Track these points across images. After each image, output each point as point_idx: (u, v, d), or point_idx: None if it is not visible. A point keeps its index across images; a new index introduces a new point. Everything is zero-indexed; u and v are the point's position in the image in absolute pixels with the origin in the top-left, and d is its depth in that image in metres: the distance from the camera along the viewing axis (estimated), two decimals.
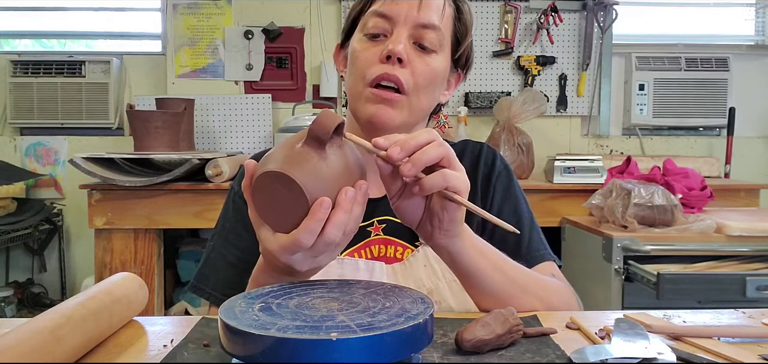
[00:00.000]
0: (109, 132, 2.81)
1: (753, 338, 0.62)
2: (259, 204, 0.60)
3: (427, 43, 0.83)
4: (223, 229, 0.91)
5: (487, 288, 0.72)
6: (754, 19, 3.00)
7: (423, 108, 0.86)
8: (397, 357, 0.48)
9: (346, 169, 0.59)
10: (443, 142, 0.62)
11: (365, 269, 0.83)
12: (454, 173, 0.62)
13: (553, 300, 0.77)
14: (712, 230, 1.78)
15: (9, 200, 2.52)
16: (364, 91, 0.82)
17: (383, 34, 0.83)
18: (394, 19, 0.82)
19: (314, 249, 0.58)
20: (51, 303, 2.69)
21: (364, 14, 0.85)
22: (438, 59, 0.84)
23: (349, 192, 0.57)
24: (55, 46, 2.96)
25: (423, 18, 0.82)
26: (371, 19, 0.83)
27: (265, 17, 2.74)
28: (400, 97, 0.81)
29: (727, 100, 2.83)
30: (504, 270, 0.73)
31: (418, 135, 0.61)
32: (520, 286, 0.75)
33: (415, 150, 0.60)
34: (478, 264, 0.71)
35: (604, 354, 0.54)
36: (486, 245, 0.73)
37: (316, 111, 2.64)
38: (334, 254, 0.62)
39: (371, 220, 0.88)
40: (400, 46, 0.80)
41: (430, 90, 0.85)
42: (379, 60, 0.81)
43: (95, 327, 0.59)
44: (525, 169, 2.42)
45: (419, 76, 0.82)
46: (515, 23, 2.76)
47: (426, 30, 0.82)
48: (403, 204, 0.65)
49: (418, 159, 0.59)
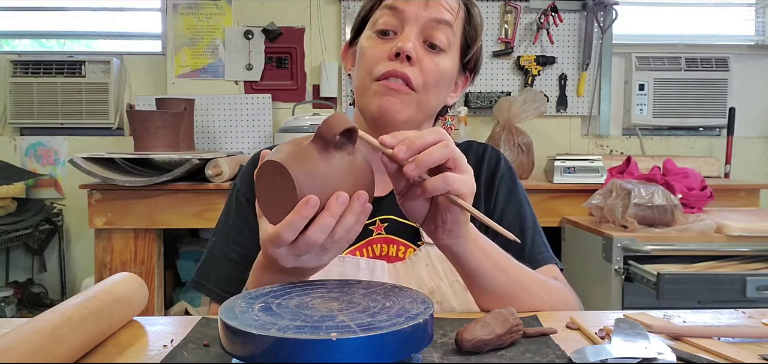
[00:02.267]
0: (109, 132, 2.81)
1: (753, 338, 0.62)
2: (260, 193, 0.60)
3: (437, 42, 0.83)
4: (225, 226, 0.91)
5: (490, 288, 0.72)
6: (754, 19, 3.00)
7: (431, 106, 0.85)
8: (397, 357, 0.48)
9: (349, 176, 0.58)
10: (451, 143, 0.62)
11: (366, 268, 0.83)
12: (458, 177, 0.61)
13: (555, 302, 0.77)
14: (712, 230, 1.78)
15: (9, 200, 2.52)
16: (371, 85, 0.82)
17: (393, 31, 0.83)
18: (404, 15, 0.82)
19: (296, 247, 0.57)
20: (51, 303, 2.69)
21: (374, 11, 0.86)
22: (447, 59, 0.84)
23: (341, 197, 0.56)
24: (55, 46, 2.96)
25: (434, 14, 0.82)
26: (382, 17, 0.83)
27: (265, 17, 2.74)
28: (408, 91, 0.81)
29: (727, 100, 2.83)
30: (508, 270, 0.73)
31: (425, 134, 0.60)
32: (523, 286, 0.75)
33: (421, 150, 0.59)
34: (483, 264, 0.70)
35: (604, 354, 0.54)
36: (491, 245, 0.73)
37: (316, 111, 2.65)
38: (321, 259, 0.61)
39: (374, 219, 0.88)
40: (409, 44, 0.80)
41: (438, 89, 0.85)
42: (388, 57, 0.81)
43: (95, 327, 0.59)
44: (525, 170, 2.42)
45: (428, 74, 0.82)
46: (515, 23, 2.76)
47: (436, 29, 0.82)
48: (408, 203, 0.65)
49: (421, 160, 0.59)
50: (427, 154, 0.59)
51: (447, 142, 0.61)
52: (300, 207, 0.55)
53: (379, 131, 0.64)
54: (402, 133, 0.61)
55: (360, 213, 0.57)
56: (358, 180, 0.58)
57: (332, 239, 0.57)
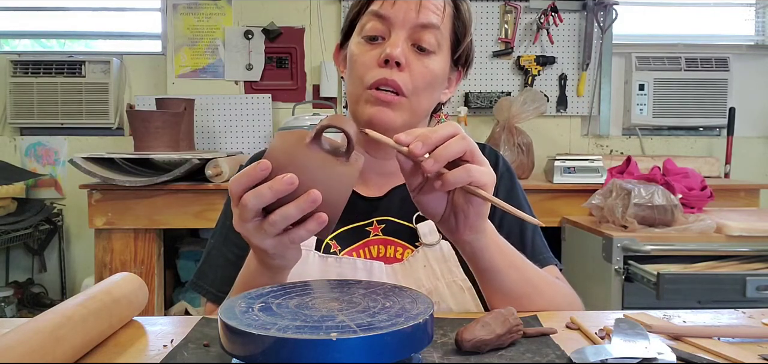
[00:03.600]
0: (109, 132, 2.81)
1: (753, 338, 0.62)
2: None
3: (426, 44, 0.82)
4: (223, 227, 0.91)
5: (504, 287, 0.73)
6: (754, 19, 3.00)
7: (423, 109, 0.85)
8: (397, 357, 0.48)
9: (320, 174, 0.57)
10: (466, 135, 0.62)
11: (363, 269, 0.83)
12: (479, 168, 0.61)
13: (563, 303, 0.78)
14: (712, 230, 1.78)
15: (9, 200, 2.52)
16: (363, 94, 0.82)
17: (381, 36, 0.82)
18: (391, 20, 0.81)
19: (240, 210, 0.58)
20: (51, 303, 2.69)
21: (362, 15, 0.84)
22: (437, 60, 0.84)
23: (287, 177, 0.55)
24: (55, 46, 2.96)
25: (421, 19, 0.81)
26: (369, 22, 0.82)
27: (265, 17, 2.74)
28: (400, 99, 0.80)
29: (727, 100, 2.83)
30: (521, 269, 0.74)
31: (439, 129, 0.60)
32: (534, 287, 0.75)
33: (438, 145, 0.59)
34: (498, 262, 0.71)
35: (604, 354, 0.54)
36: (505, 243, 0.73)
37: (316, 111, 2.65)
38: (263, 241, 0.59)
39: (370, 220, 0.88)
40: (397, 50, 0.79)
41: (429, 91, 0.84)
42: (377, 64, 0.80)
43: (95, 327, 0.59)
44: (525, 170, 2.42)
45: (418, 78, 0.81)
46: (515, 23, 2.76)
47: (424, 31, 0.81)
48: (424, 199, 0.65)
49: (440, 154, 0.59)
50: (445, 147, 0.59)
51: (463, 135, 0.61)
52: (253, 167, 0.56)
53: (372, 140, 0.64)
54: (416, 130, 0.61)
55: (303, 208, 0.56)
56: (328, 184, 0.57)
57: (269, 221, 0.57)
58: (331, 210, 0.58)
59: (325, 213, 0.57)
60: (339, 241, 0.86)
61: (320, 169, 0.57)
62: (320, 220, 0.57)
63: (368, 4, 0.84)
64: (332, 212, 0.58)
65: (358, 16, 0.85)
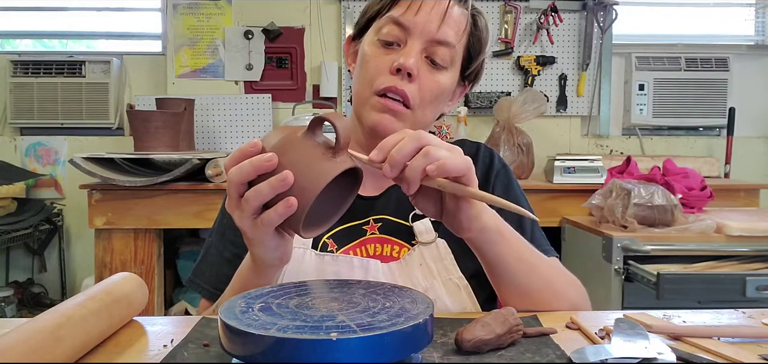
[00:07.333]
0: (109, 132, 2.81)
1: (753, 338, 0.62)
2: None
3: (439, 59, 0.82)
4: (220, 225, 0.92)
5: (514, 281, 0.73)
6: (754, 19, 3.00)
7: (427, 121, 0.86)
8: (397, 357, 0.48)
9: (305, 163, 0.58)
10: (423, 135, 0.62)
11: (360, 267, 0.83)
12: (442, 153, 0.60)
13: (574, 295, 0.78)
14: (712, 230, 1.78)
15: (9, 200, 2.52)
16: (370, 98, 0.82)
17: (397, 42, 0.82)
18: (410, 30, 0.81)
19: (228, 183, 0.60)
20: (51, 303, 2.69)
21: (380, 16, 0.84)
22: (447, 75, 0.84)
23: (267, 155, 0.58)
24: (56, 46, 2.96)
25: (439, 35, 0.81)
26: (387, 26, 0.82)
27: (265, 17, 2.74)
28: (405, 111, 0.81)
29: (727, 100, 2.83)
30: (530, 262, 0.74)
31: (392, 136, 0.62)
32: (545, 280, 0.76)
33: (391, 150, 0.61)
34: (505, 255, 0.72)
35: (604, 354, 0.54)
36: (516, 237, 0.74)
37: (316, 111, 2.65)
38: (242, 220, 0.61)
39: (367, 218, 0.88)
40: (411, 61, 0.79)
41: (434, 105, 0.85)
42: (389, 71, 0.81)
43: (95, 327, 0.59)
44: (525, 169, 2.42)
45: (426, 91, 0.82)
46: (515, 23, 2.76)
47: (439, 47, 0.82)
48: (418, 202, 0.66)
49: (392, 157, 0.60)
50: (397, 150, 0.60)
51: (414, 134, 0.61)
52: (246, 144, 0.60)
53: (374, 142, 0.64)
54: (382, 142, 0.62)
55: (275, 187, 0.57)
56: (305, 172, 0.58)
57: (245, 197, 0.59)
58: (301, 196, 0.58)
59: (296, 199, 0.57)
60: (336, 239, 0.86)
61: (302, 156, 0.59)
62: (288, 203, 0.57)
63: (390, 7, 0.84)
64: (303, 198, 0.58)
65: (377, 16, 0.85)
